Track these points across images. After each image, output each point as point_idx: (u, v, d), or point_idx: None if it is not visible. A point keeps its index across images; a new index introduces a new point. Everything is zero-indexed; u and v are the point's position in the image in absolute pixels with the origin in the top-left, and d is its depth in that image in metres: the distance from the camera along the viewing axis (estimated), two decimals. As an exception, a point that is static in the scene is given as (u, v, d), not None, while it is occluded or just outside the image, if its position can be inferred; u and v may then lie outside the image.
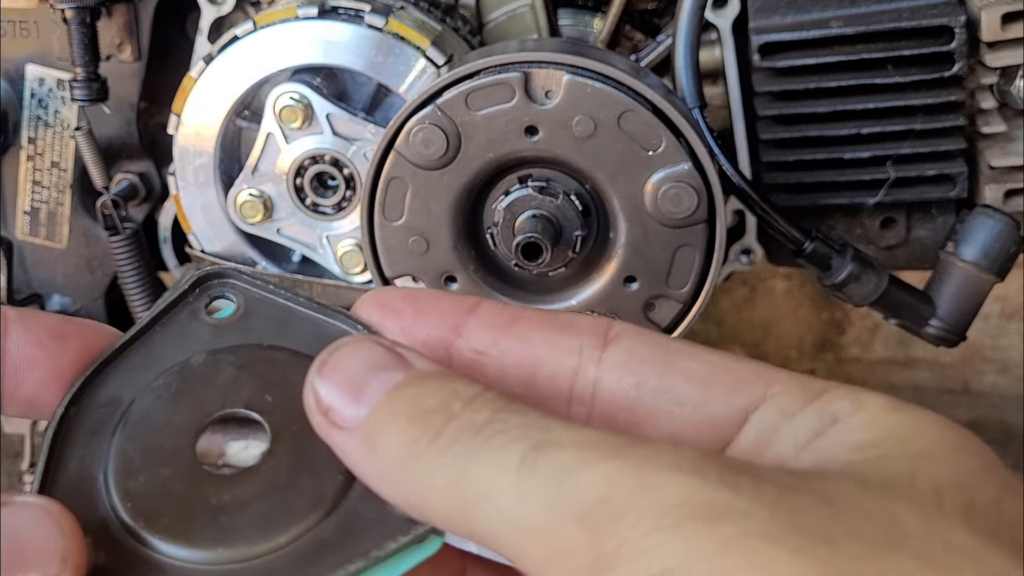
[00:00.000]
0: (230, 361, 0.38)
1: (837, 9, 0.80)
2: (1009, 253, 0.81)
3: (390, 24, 0.84)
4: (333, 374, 0.34)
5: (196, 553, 0.34)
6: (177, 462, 0.36)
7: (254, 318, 0.40)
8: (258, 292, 0.40)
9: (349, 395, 0.33)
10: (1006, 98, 0.81)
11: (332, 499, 0.34)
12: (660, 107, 0.71)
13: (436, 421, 0.31)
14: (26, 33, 0.93)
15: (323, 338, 0.37)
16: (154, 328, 0.40)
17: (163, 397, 0.38)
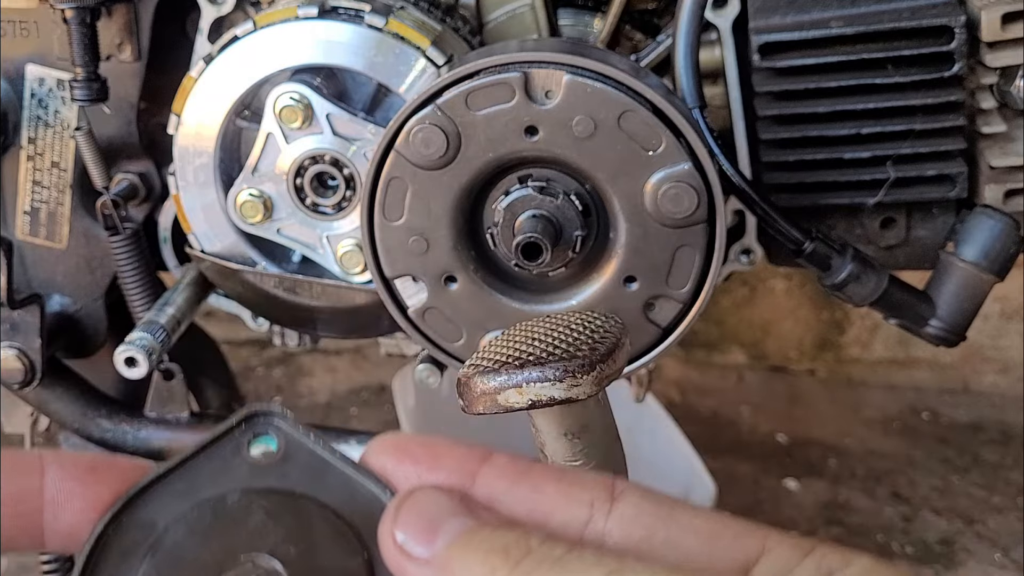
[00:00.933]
0: (263, 505, 0.40)
1: (837, 9, 0.80)
2: (1009, 253, 0.81)
3: (390, 24, 0.84)
4: (409, 515, 0.36)
5: None
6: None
7: (291, 463, 0.41)
8: (299, 438, 0.42)
9: (425, 535, 0.36)
10: (1006, 98, 0.81)
11: None
12: (660, 107, 0.71)
13: (514, 554, 0.34)
14: (26, 33, 0.93)
15: (353, 496, 0.40)
16: (198, 458, 0.42)
17: (195, 531, 0.40)
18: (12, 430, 1.21)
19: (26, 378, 0.99)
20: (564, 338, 0.51)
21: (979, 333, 1.76)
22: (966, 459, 1.64)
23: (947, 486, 1.58)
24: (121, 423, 1.07)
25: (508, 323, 0.69)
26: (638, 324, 0.75)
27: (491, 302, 0.77)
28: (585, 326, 0.52)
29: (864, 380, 1.86)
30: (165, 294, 0.94)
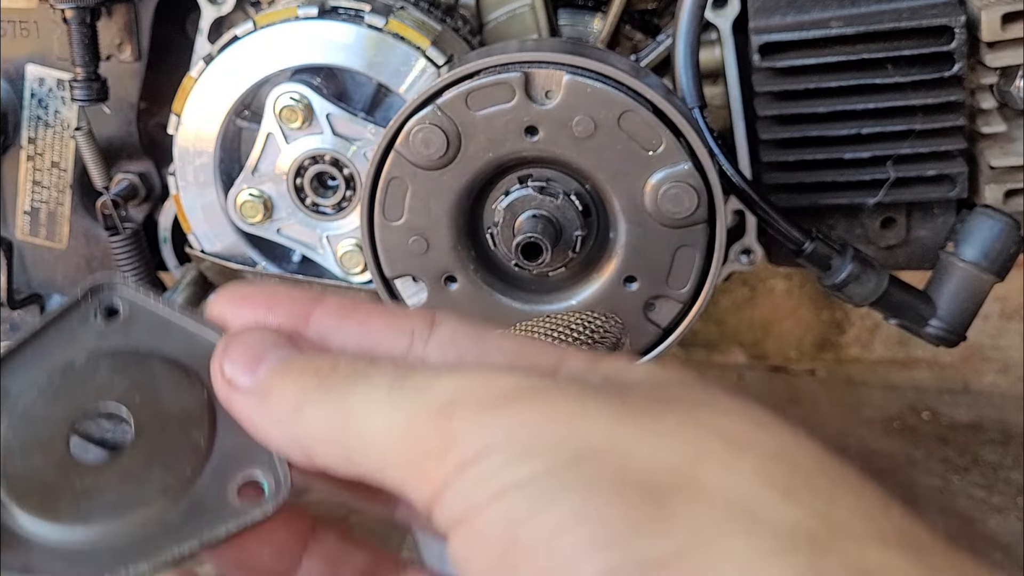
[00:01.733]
0: (108, 363, 0.44)
1: (837, 9, 0.80)
2: (1009, 253, 0.81)
3: (390, 24, 0.84)
4: (236, 349, 0.40)
5: (58, 532, 0.40)
6: (50, 452, 0.42)
7: (135, 324, 0.45)
8: (141, 302, 0.45)
9: (249, 366, 0.39)
10: (1006, 98, 0.81)
11: (180, 489, 0.40)
12: (660, 107, 0.71)
13: (323, 371, 0.38)
14: (26, 33, 0.93)
15: (193, 346, 0.43)
16: (47, 330, 0.45)
17: (45, 393, 0.43)
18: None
19: (26, 378, 0.99)
20: (564, 338, 0.51)
21: (979, 333, 1.76)
22: (966, 459, 1.64)
23: (947, 486, 1.58)
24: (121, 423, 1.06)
25: (508, 323, 0.69)
26: (638, 324, 0.75)
27: (491, 302, 0.77)
28: (585, 326, 0.52)
29: (864, 380, 1.86)
30: (165, 294, 0.94)
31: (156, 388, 0.43)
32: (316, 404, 0.37)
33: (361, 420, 0.36)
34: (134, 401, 0.43)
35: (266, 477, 0.41)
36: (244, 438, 0.41)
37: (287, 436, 0.38)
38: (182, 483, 0.41)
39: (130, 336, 0.45)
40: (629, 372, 0.38)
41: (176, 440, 0.41)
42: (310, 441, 0.38)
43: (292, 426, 0.38)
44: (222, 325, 0.43)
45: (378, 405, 0.36)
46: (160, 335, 0.45)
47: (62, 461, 0.42)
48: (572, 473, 0.32)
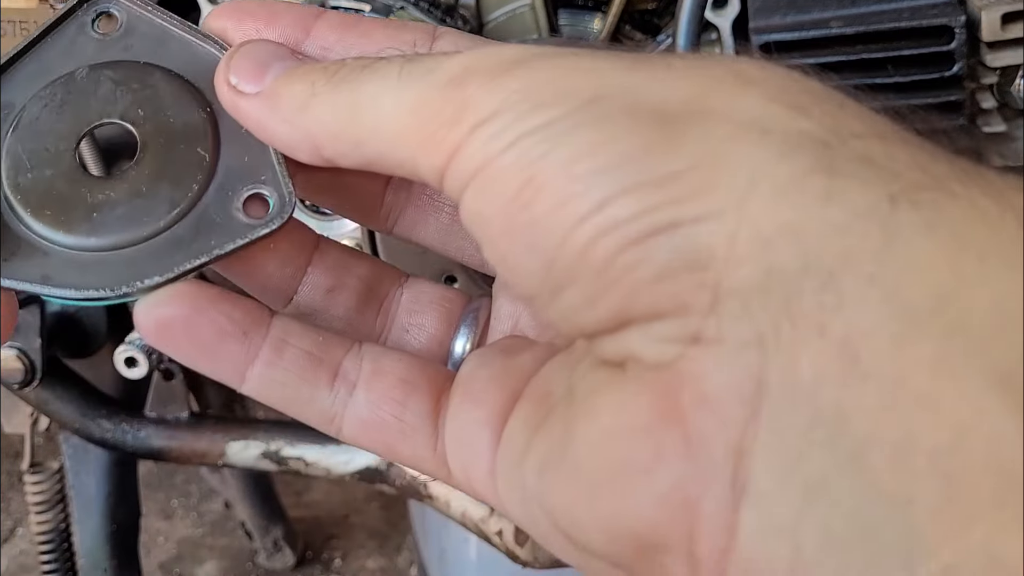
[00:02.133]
0: (110, 76, 0.44)
1: (837, 9, 0.80)
2: (1009, 253, 0.81)
3: (390, 24, 0.84)
4: (242, 59, 0.40)
5: (73, 240, 0.41)
6: (59, 164, 0.42)
7: (134, 36, 0.45)
8: (139, 10, 0.45)
9: (255, 74, 0.40)
10: (1006, 98, 0.81)
11: (187, 204, 0.41)
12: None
13: (331, 68, 0.38)
14: (26, 33, 0.93)
15: (195, 60, 0.43)
16: (45, 40, 0.45)
17: (49, 105, 0.43)
18: (12, 430, 1.22)
19: (26, 378, 0.99)
20: None
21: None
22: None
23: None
24: (121, 423, 1.07)
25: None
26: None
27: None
28: None
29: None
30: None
31: (159, 103, 0.43)
32: (325, 96, 0.37)
33: (371, 102, 0.36)
34: (138, 116, 0.43)
35: (271, 192, 0.41)
36: (248, 153, 0.42)
37: (296, 132, 0.38)
38: (189, 198, 0.41)
39: (129, 48, 0.44)
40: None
41: (181, 156, 0.42)
42: (319, 132, 0.38)
43: (301, 120, 0.38)
44: (223, 38, 0.43)
45: (388, 88, 0.36)
46: (160, 47, 0.44)
47: (72, 174, 0.42)
48: (586, 113, 0.32)
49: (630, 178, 0.31)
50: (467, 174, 0.34)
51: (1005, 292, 0.27)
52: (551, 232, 0.32)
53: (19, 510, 1.97)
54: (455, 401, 0.39)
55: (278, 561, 1.92)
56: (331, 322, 0.45)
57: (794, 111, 0.32)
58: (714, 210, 0.30)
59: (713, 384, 0.30)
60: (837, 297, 0.28)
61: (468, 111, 0.34)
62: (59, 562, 1.21)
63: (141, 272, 0.40)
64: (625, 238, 0.31)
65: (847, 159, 0.30)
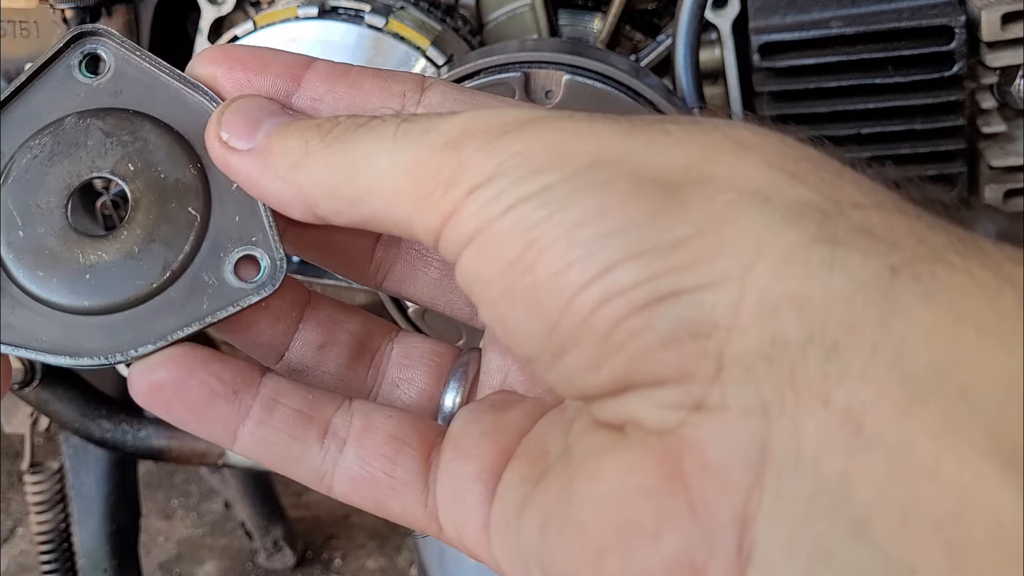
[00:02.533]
0: (99, 126, 0.43)
1: (837, 9, 0.80)
2: (1009, 253, 0.81)
3: (390, 24, 0.84)
4: (233, 114, 0.40)
5: (67, 303, 0.40)
6: (51, 221, 0.42)
7: (123, 80, 0.44)
8: (127, 54, 0.44)
9: (247, 129, 0.39)
10: (1006, 98, 0.81)
11: (180, 266, 0.41)
12: (660, 107, 0.71)
13: (326, 127, 0.38)
14: (26, 33, 0.93)
15: (184, 109, 0.42)
16: (31, 85, 0.43)
17: (39, 157, 0.42)
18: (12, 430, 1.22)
19: (26, 378, 0.99)
20: None
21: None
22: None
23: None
24: (121, 423, 1.07)
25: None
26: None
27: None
28: None
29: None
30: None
31: (150, 157, 0.42)
32: (319, 154, 0.37)
33: (366, 162, 0.36)
34: (128, 171, 0.42)
35: (262, 255, 0.41)
36: (239, 213, 0.41)
37: (289, 189, 0.38)
38: (181, 260, 0.41)
39: (118, 94, 0.43)
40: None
41: (173, 214, 0.41)
42: (313, 190, 0.37)
43: (294, 177, 0.38)
44: (212, 87, 0.42)
45: (384, 147, 0.36)
46: (149, 94, 0.43)
47: (64, 232, 0.42)
48: (586, 178, 0.32)
49: (634, 244, 0.31)
50: (465, 236, 0.34)
51: (1004, 364, 0.27)
52: (553, 296, 0.32)
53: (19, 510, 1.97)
54: (446, 457, 0.39)
55: (278, 561, 1.92)
56: (322, 378, 0.45)
57: (794, 180, 0.32)
58: (718, 278, 0.30)
59: (716, 451, 0.30)
60: (841, 367, 0.28)
61: (465, 173, 0.34)
62: (59, 562, 1.21)
63: (135, 338, 0.40)
64: (629, 305, 0.31)
65: (848, 229, 0.30)
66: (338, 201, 0.37)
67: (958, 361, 0.28)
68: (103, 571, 1.18)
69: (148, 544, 1.95)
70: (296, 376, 0.44)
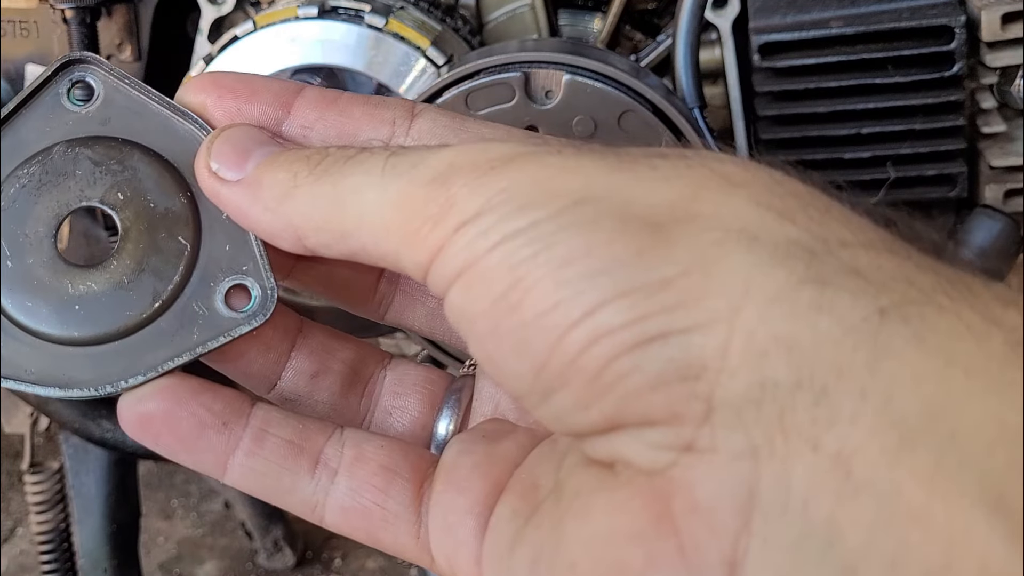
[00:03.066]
0: (88, 155, 0.42)
1: (837, 9, 0.80)
2: (1009, 253, 0.81)
3: (390, 24, 0.84)
4: (223, 144, 0.39)
5: (56, 334, 0.40)
6: (40, 252, 0.41)
7: (112, 108, 0.43)
8: (116, 81, 0.43)
9: (237, 160, 0.39)
10: (1006, 98, 0.81)
11: (170, 296, 0.40)
12: (660, 107, 0.71)
13: (315, 159, 0.38)
14: (26, 33, 0.93)
15: (174, 137, 0.42)
16: (20, 114, 0.43)
17: (27, 186, 0.42)
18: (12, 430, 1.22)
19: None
20: None
21: (979, 333, 1.76)
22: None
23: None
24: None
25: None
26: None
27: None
28: None
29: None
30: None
31: (139, 186, 0.42)
32: (308, 187, 0.37)
33: (354, 196, 0.36)
34: (118, 200, 0.42)
35: (253, 284, 0.41)
36: (230, 242, 0.41)
37: (278, 221, 0.38)
38: (171, 290, 0.40)
39: (107, 122, 0.43)
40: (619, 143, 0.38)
41: (163, 244, 0.41)
42: (302, 222, 0.37)
43: (283, 209, 0.38)
44: (202, 114, 0.42)
45: (372, 181, 0.36)
46: (138, 122, 0.43)
47: (52, 263, 0.41)
48: (572, 215, 0.32)
49: (621, 284, 0.31)
50: (452, 272, 0.34)
51: (992, 409, 0.27)
52: (540, 336, 0.32)
53: (19, 510, 1.97)
54: (438, 489, 0.39)
55: (278, 561, 1.91)
56: (315, 407, 0.45)
57: (781, 217, 0.32)
58: (706, 319, 0.30)
59: (705, 493, 0.30)
60: (830, 412, 0.28)
61: (453, 209, 0.34)
62: (59, 562, 1.21)
63: (125, 369, 0.39)
64: (618, 346, 0.31)
65: (836, 270, 0.30)
66: (327, 234, 0.37)
67: (947, 406, 0.28)
68: (103, 571, 1.18)
69: (148, 544, 1.95)
70: (289, 405, 0.44)
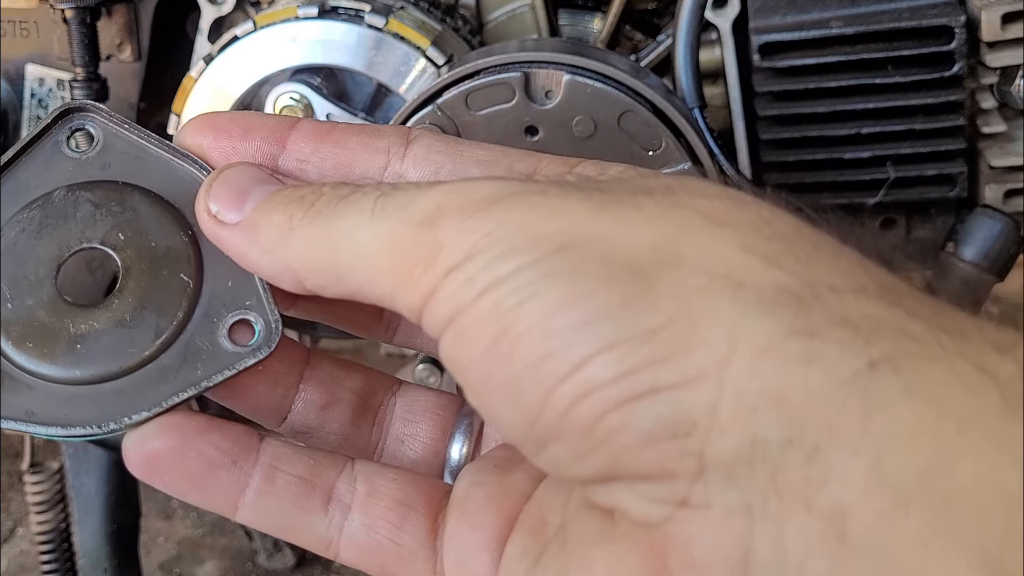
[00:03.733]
0: (88, 198, 0.43)
1: (837, 9, 0.80)
2: (1009, 253, 0.81)
3: (390, 24, 0.84)
4: (221, 188, 0.40)
5: (57, 374, 0.40)
6: (40, 292, 0.41)
7: (111, 153, 0.44)
8: (116, 128, 0.44)
9: (235, 201, 0.39)
10: (1006, 98, 0.81)
11: (173, 333, 0.40)
12: (660, 107, 0.71)
13: (309, 199, 0.38)
14: (26, 33, 0.93)
15: (174, 179, 0.42)
16: (20, 160, 0.43)
17: (27, 230, 0.42)
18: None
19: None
20: None
21: (979, 333, 1.75)
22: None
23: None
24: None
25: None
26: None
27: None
28: None
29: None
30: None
31: (140, 226, 0.42)
32: (303, 229, 0.37)
33: (348, 239, 0.36)
34: (119, 241, 0.42)
35: (257, 319, 0.41)
36: (232, 278, 0.41)
37: (277, 264, 0.38)
38: (174, 326, 0.40)
39: (107, 167, 0.43)
40: (605, 170, 0.39)
41: (165, 282, 0.41)
42: (299, 265, 0.38)
43: (281, 253, 0.38)
44: (200, 156, 0.42)
45: (363, 223, 0.36)
46: (138, 166, 0.43)
47: (53, 303, 0.41)
48: (557, 262, 0.32)
49: (607, 335, 0.31)
50: (443, 319, 0.34)
51: (987, 467, 0.27)
52: (531, 389, 0.32)
53: (19, 510, 1.97)
54: (452, 523, 0.39)
55: (278, 561, 1.91)
56: (327, 438, 0.44)
57: (767, 261, 0.32)
58: (694, 374, 0.30)
59: (701, 549, 0.30)
60: (822, 471, 0.28)
61: (442, 253, 0.34)
62: (59, 562, 1.21)
63: (128, 406, 0.39)
64: (608, 401, 0.31)
65: (824, 319, 0.30)
66: (324, 276, 0.37)
67: (941, 464, 0.27)
68: (103, 571, 1.18)
69: (148, 544, 1.95)
70: (300, 437, 0.44)
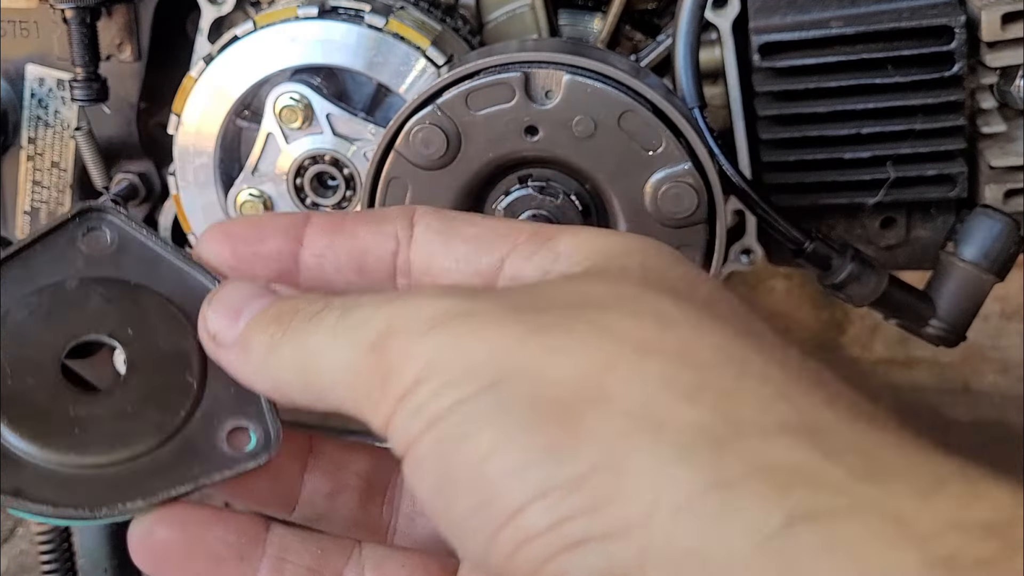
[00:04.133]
0: (100, 292, 0.43)
1: (837, 9, 0.80)
2: (1009, 253, 0.81)
3: (390, 24, 0.84)
4: (218, 305, 0.41)
5: (52, 456, 0.39)
6: (42, 374, 0.41)
7: (126, 255, 0.44)
8: (132, 232, 0.45)
9: (230, 320, 0.40)
10: (1006, 98, 0.81)
11: (173, 429, 0.40)
12: (660, 107, 0.71)
13: (286, 319, 0.39)
14: (26, 33, 0.93)
15: (184, 286, 0.43)
16: (34, 247, 0.44)
17: (35, 313, 0.42)
18: (12, 430, 1.21)
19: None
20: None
21: (979, 333, 1.75)
22: (966, 459, 1.64)
23: (947, 486, 1.58)
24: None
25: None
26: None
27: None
28: None
29: (864, 380, 1.86)
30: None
31: (148, 325, 0.43)
32: (281, 350, 0.39)
33: (319, 359, 0.37)
34: (127, 335, 0.43)
35: (255, 427, 0.41)
36: (234, 385, 0.42)
37: (268, 382, 0.39)
38: (175, 424, 0.41)
39: (120, 267, 0.44)
40: (553, 267, 0.39)
41: (169, 380, 0.42)
42: (284, 384, 0.39)
43: (268, 372, 0.39)
44: (214, 265, 0.43)
45: (327, 344, 0.37)
46: (151, 269, 0.44)
47: (55, 386, 0.41)
48: (491, 398, 0.33)
49: (539, 482, 0.32)
50: (400, 446, 0.35)
51: None
52: (475, 532, 0.33)
53: (19, 510, 1.96)
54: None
55: None
56: (337, 522, 0.45)
57: (688, 399, 0.32)
58: (620, 527, 0.31)
59: None
60: None
61: (393, 377, 0.35)
62: (59, 562, 1.21)
63: (121, 494, 0.39)
64: (546, 548, 0.31)
65: (742, 468, 0.30)
66: (307, 394, 0.38)
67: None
68: (103, 571, 1.18)
69: (148, 544, 1.95)
70: (310, 523, 0.44)
